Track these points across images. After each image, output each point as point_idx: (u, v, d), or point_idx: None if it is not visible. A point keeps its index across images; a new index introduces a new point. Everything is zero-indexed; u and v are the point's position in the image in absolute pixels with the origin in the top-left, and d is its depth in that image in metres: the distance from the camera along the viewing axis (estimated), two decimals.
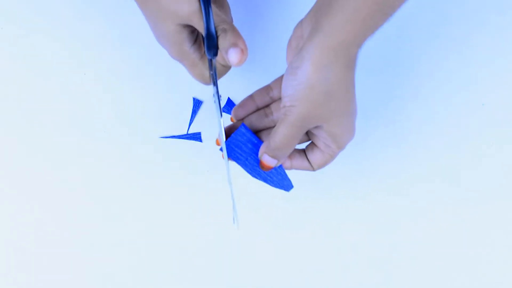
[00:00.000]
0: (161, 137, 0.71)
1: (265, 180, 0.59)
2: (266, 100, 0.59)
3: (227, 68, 0.57)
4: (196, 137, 0.71)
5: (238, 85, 0.71)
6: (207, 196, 0.71)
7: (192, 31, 0.54)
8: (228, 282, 0.71)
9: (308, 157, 0.57)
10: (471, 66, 0.73)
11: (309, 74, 0.50)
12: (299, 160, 0.58)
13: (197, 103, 0.72)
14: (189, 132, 0.72)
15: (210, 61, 0.55)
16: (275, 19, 0.72)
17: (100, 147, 0.71)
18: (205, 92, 0.72)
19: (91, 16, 0.72)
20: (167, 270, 0.71)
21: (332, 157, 0.56)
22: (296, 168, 0.58)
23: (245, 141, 0.57)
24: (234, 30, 0.53)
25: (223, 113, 0.71)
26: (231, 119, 0.59)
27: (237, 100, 0.72)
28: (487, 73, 0.73)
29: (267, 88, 0.59)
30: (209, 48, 0.53)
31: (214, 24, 0.52)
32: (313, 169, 0.58)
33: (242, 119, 0.59)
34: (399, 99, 0.73)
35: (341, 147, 0.55)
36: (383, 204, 0.71)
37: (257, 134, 0.59)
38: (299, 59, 0.50)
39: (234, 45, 0.52)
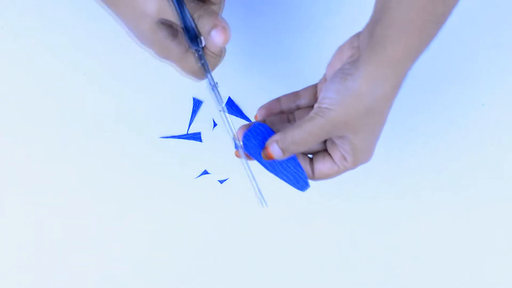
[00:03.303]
0: (161, 137, 0.71)
1: (279, 174, 0.57)
2: (291, 106, 0.58)
3: (218, 57, 0.55)
4: (196, 137, 0.72)
5: (238, 85, 0.71)
6: (207, 196, 0.71)
7: (170, 25, 0.53)
8: (227, 282, 0.71)
9: (314, 165, 0.56)
10: (471, 66, 0.73)
11: (361, 84, 0.49)
12: (302, 163, 0.56)
13: (197, 103, 0.72)
14: (189, 132, 0.72)
15: (198, 52, 0.54)
16: (275, 19, 0.72)
17: (100, 147, 0.71)
18: (205, 92, 0.72)
19: (91, 15, 0.72)
20: (167, 270, 0.71)
21: (339, 172, 0.55)
22: None
23: (260, 132, 0.56)
24: (210, 12, 0.51)
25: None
26: (255, 117, 0.58)
27: (237, 99, 0.72)
28: (487, 73, 0.73)
29: (295, 95, 0.58)
30: (191, 40, 0.51)
31: (189, 13, 0.50)
32: (313, 178, 0.56)
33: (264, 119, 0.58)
34: (399, 99, 0.72)
35: (355, 164, 0.54)
36: (382, 204, 0.71)
37: None
38: (354, 67, 0.50)
39: (214, 26, 0.51)
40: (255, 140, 0.56)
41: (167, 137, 0.71)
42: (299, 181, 0.56)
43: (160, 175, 0.71)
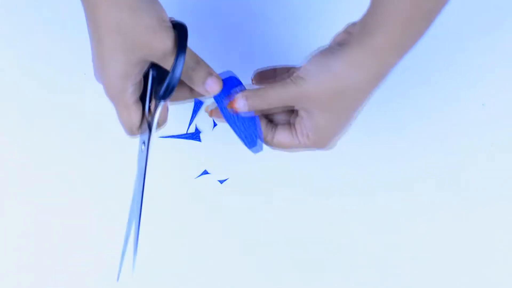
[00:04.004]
0: (161, 137, 0.71)
1: (236, 130, 0.57)
2: (285, 78, 0.58)
3: (164, 119, 0.57)
4: (196, 137, 0.72)
5: None
6: (207, 196, 0.71)
7: (144, 68, 0.52)
8: (227, 282, 0.71)
9: (275, 133, 0.56)
10: (471, 66, 0.73)
11: (339, 65, 0.50)
12: (265, 129, 0.56)
13: (198, 104, 0.72)
14: (189, 132, 0.72)
15: (156, 108, 0.54)
16: (276, 20, 0.72)
17: (100, 147, 0.71)
18: None
19: None
20: (167, 270, 0.71)
21: (297, 146, 0.55)
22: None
23: (233, 86, 0.56)
24: (202, 64, 0.53)
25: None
26: (252, 80, 0.59)
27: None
28: (487, 73, 0.73)
29: (291, 68, 0.58)
30: (168, 92, 0.51)
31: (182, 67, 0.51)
32: (271, 144, 0.56)
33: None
34: (399, 99, 0.72)
35: (313, 144, 0.54)
36: (381, 204, 0.71)
37: None
38: (341, 48, 0.50)
39: (210, 75, 0.52)
40: (225, 90, 0.56)
41: (166, 137, 0.71)
42: (253, 142, 0.57)
43: (160, 175, 0.71)
